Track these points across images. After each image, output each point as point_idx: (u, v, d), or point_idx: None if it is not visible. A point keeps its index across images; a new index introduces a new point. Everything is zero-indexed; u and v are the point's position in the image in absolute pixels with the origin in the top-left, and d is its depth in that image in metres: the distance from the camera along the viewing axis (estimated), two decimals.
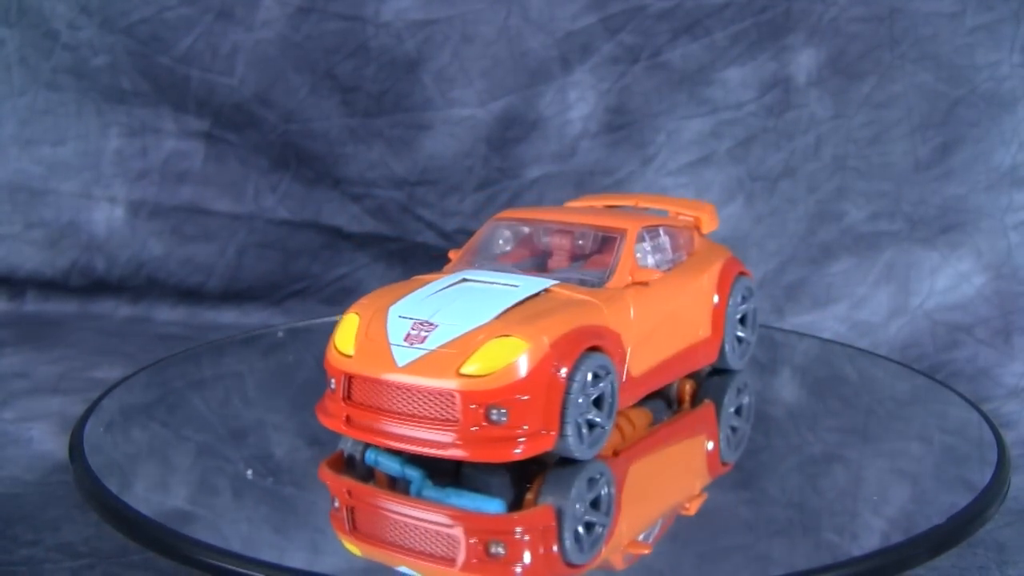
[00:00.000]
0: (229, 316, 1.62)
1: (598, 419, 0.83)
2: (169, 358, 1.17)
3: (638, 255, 0.94)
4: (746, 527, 0.81)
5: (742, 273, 1.07)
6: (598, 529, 0.76)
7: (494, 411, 0.78)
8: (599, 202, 1.12)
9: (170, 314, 1.63)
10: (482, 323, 0.82)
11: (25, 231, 1.66)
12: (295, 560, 0.75)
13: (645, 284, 0.92)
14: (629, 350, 0.88)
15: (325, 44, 1.59)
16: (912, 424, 1.04)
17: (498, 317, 0.82)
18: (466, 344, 0.80)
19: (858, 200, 1.53)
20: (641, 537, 0.78)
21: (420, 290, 0.89)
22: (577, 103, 1.58)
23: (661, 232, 0.99)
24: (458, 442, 0.78)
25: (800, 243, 1.54)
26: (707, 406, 1.01)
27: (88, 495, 0.82)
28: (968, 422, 0.98)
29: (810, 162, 1.54)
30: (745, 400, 1.04)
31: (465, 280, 0.90)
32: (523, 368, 0.78)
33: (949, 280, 1.48)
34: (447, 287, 0.89)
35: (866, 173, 1.53)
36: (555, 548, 0.73)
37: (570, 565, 0.72)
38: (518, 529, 0.76)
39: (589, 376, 0.81)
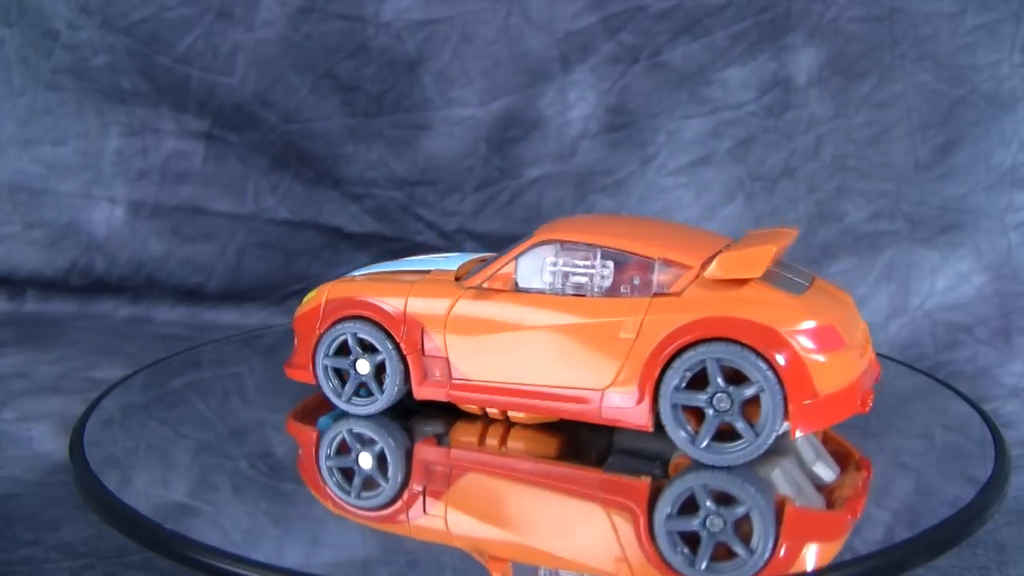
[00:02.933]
0: (229, 316, 1.62)
1: (366, 383, 0.96)
2: (169, 358, 1.17)
3: (542, 268, 0.91)
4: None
5: (733, 340, 0.82)
6: (378, 489, 0.85)
7: (295, 338, 1.01)
8: (776, 238, 0.94)
9: (170, 314, 1.63)
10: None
11: (25, 231, 1.66)
12: (294, 555, 0.75)
13: (489, 293, 0.92)
14: (447, 346, 0.93)
15: (325, 44, 1.59)
16: (913, 422, 1.04)
17: (362, 275, 1.03)
18: None
19: (858, 200, 1.53)
20: None
21: (431, 255, 1.10)
22: (577, 103, 1.58)
23: (598, 255, 0.89)
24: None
25: (800, 243, 1.53)
26: (638, 483, 0.85)
27: (88, 495, 0.82)
28: (969, 420, 0.99)
29: (810, 162, 1.54)
30: (695, 514, 0.78)
31: (461, 253, 1.09)
32: (303, 311, 1.00)
33: (949, 280, 1.48)
34: (439, 256, 1.07)
35: (866, 173, 1.53)
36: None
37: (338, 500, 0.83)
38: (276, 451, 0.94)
39: (351, 338, 0.96)
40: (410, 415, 0.97)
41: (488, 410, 0.95)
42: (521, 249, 0.92)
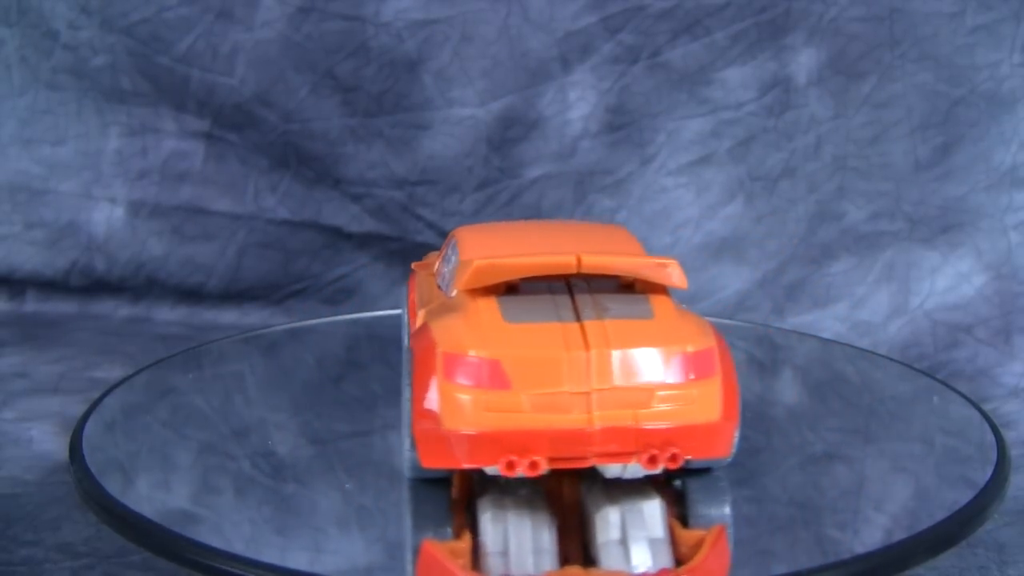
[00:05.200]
0: (229, 316, 1.62)
1: None
2: (169, 358, 1.17)
3: (445, 260, 0.92)
4: (748, 524, 0.81)
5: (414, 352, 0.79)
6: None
7: None
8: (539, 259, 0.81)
9: (170, 314, 1.63)
10: None
11: (25, 231, 1.65)
12: (297, 560, 0.75)
13: (425, 276, 0.98)
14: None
15: (325, 44, 1.59)
16: (913, 424, 1.04)
17: None
18: None
19: (858, 200, 1.53)
20: None
21: None
22: (577, 103, 1.58)
23: (452, 249, 0.90)
24: None
25: (800, 243, 1.54)
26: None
27: (88, 496, 0.82)
28: (969, 422, 0.98)
29: (810, 162, 1.54)
30: None
31: None
32: None
33: (949, 280, 1.48)
34: None
35: (866, 173, 1.53)
36: None
37: None
38: None
39: None
40: None
41: None
42: (447, 241, 0.95)
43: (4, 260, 1.65)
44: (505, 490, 0.78)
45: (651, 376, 0.74)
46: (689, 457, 0.74)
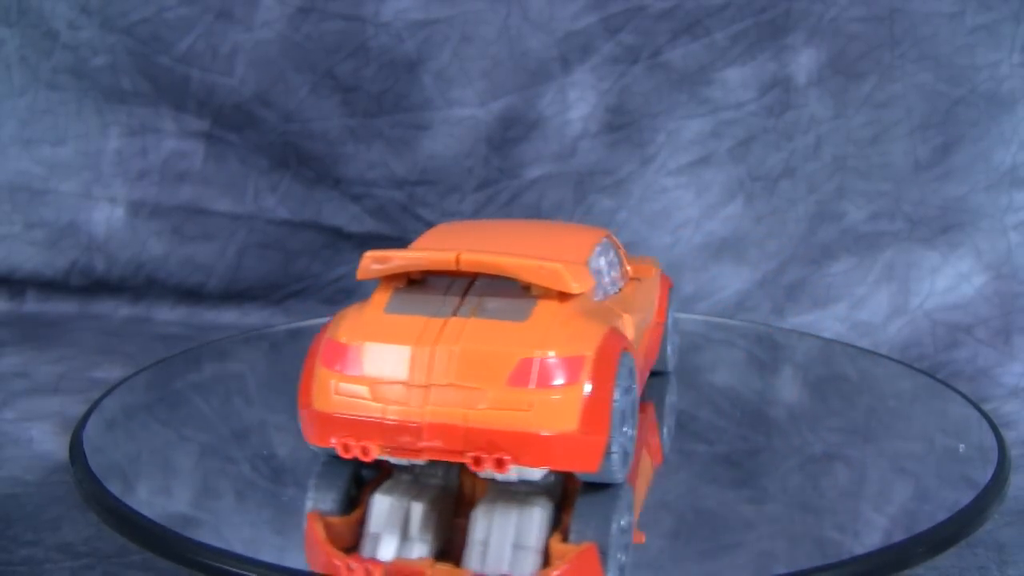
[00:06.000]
0: (229, 316, 1.62)
1: None
2: (169, 358, 1.17)
3: None
4: (748, 525, 0.81)
5: None
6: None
7: None
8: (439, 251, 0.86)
9: (170, 314, 1.63)
10: None
11: (25, 231, 1.66)
12: (296, 561, 0.75)
13: None
14: None
15: (325, 44, 1.59)
16: (913, 424, 1.04)
17: None
18: None
19: (858, 200, 1.53)
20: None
21: None
22: (577, 103, 1.58)
23: None
24: None
25: (800, 243, 1.54)
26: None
27: (88, 497, 0.82)
28: (969, 422, 0.99)
29: (810, 162, 1.54)
30: None
31: None
32: None
33: (949, 280, 1.48)
34: None
35: (866, 173, 1.53)
36: None
37: None
38: None
39: None
40: None
41: None
42: None
43: (4, 260, 1.65)
44: (417, 478, 0.79)
45: (490, 377, 0.73)
46: (525, 465, 0.72)
